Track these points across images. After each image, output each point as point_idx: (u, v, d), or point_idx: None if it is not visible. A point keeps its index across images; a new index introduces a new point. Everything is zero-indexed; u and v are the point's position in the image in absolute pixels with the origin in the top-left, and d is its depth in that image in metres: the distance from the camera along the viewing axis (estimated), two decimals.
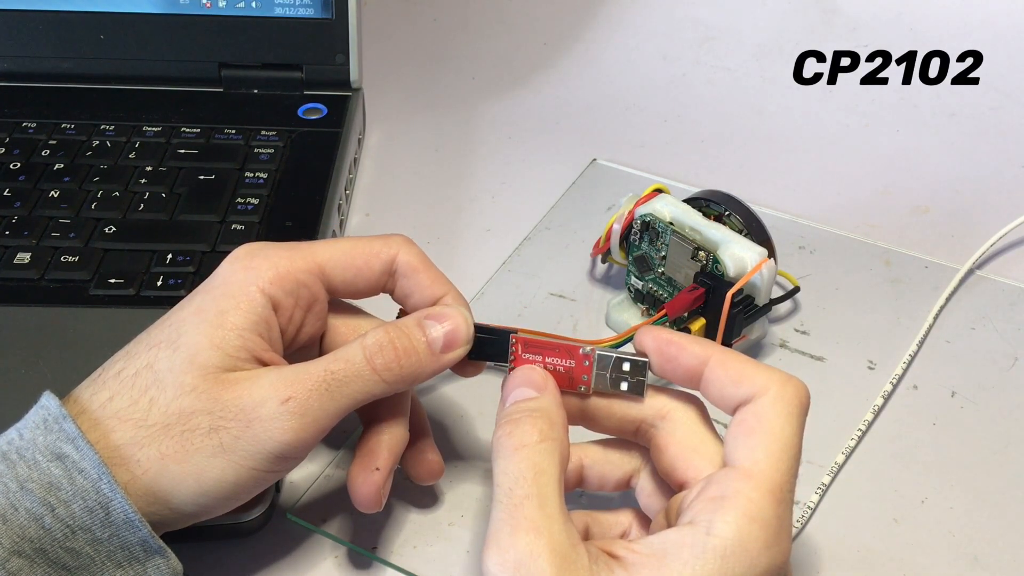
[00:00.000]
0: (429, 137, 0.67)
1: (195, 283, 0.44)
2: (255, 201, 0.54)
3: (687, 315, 0.46)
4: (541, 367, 0.37)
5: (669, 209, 0.49)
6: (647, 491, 0.38)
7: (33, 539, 0.32)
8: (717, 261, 0.46)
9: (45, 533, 0.32)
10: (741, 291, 0.45)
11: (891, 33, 0.75)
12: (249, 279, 0.37)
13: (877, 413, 0.48)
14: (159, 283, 0.49)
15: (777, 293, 0.51)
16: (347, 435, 0.46)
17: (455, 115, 0.70)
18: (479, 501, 0.44)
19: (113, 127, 0.59)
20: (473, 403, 0.48)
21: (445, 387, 0.49)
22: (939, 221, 0.60)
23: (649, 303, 0.51)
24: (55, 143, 0.58)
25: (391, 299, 0.41)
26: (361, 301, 0.41)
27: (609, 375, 0.36)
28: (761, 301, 0.47)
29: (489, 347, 0.38)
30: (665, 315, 0.45)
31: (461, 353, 0.38)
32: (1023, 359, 0.51)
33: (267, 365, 0.36)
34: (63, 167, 0.56)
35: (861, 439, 0.46)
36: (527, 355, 0.37)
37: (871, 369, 0.50)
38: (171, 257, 0.51)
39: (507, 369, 0.38)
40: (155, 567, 0.34)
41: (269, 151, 0.58)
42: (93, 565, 0.33)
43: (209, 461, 0.34)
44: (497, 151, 0.66)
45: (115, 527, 0.33)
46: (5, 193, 0.54)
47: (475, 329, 0.38)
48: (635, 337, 0.37)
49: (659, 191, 0.51)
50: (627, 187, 0.55)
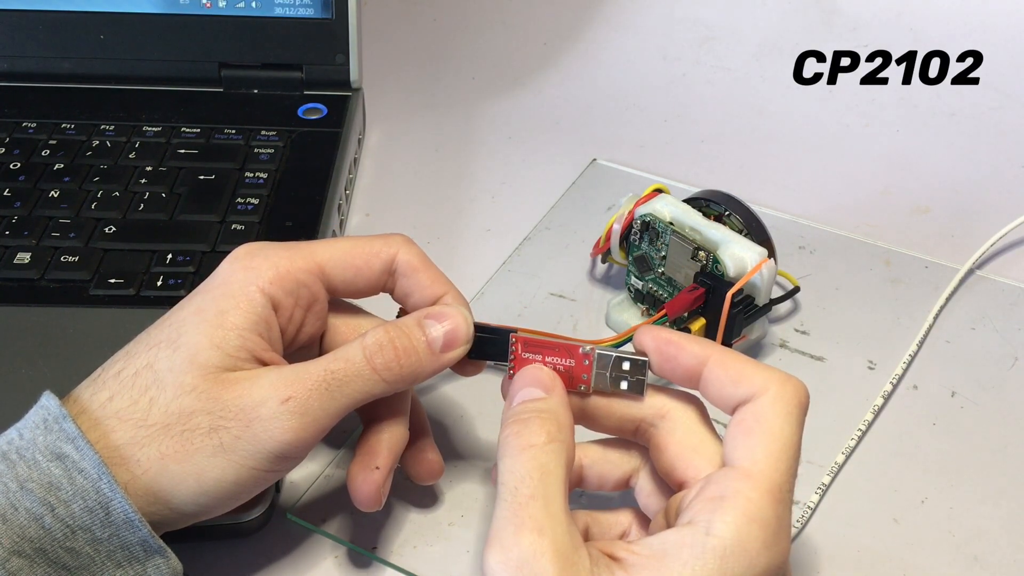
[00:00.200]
0: (429, 137, 0.67)
1: (195, 283, 0.44)
2: (255, 201, 0.55)
3: (687, 315, 0.46)
4: (548, 368, 0.37)
5: (669, 209, 0.49)
6: (646, 491, 0.38)
7: (33, 539, 0.32)
8: (717, 261, 0.46)
9: (45, 533, 0.32)
10: (741, 291, 0.45)
11: (891, 33, 0.75)
12: (249, 279, 0.37)
13: (877, 413, 0.48)
14: (159, 283, 0.49)
15: (777, 293, 0.51)
16: (347, 435, 0.46)
17: (455, 115, 0.70)
18: (479, 501, 0.44)
19: (113, 127, 0.59)
20: (473, 403, 0.48)
21: (445, 387, 0.49)
22: (939, 221, 0.60)
23: (649, 303, 0.51)
24: (55, 143, 0.58)
25: (391, 298, 0.41)
26: (361, 301, 0.41)
27: (609, 374, 0.36)
28: (761, 301, 0.47)
29: (489, 346, 0.38)
30: (665, 315, 0.45)
31: (461, 352, 0.38)
32: (1023, 359, 0.51)
33: (267, 365, 0.36)
34: (63, 167, 0.56)
35: (861, 439, 0.46)
36: (527, 354, 0.37)
37: (871, 369, 0.50)
38: (171, 257, 0.51)
39: (507, 368, 0.38)
40: (155, 567, 0.34)
41: (269, 151, 0.58)
42: (93, 565, 0.33)
43: (209, 461, 0.34)
44: (497, 151, 0.66)
45: (115, 527, 0.33)
46: (5, 193, 0.54)
47: (475, 328, 0.38)
48: (634, 336, 0.37)
49: (659, 191, 0.51)
50: (627, 187, 0.55)
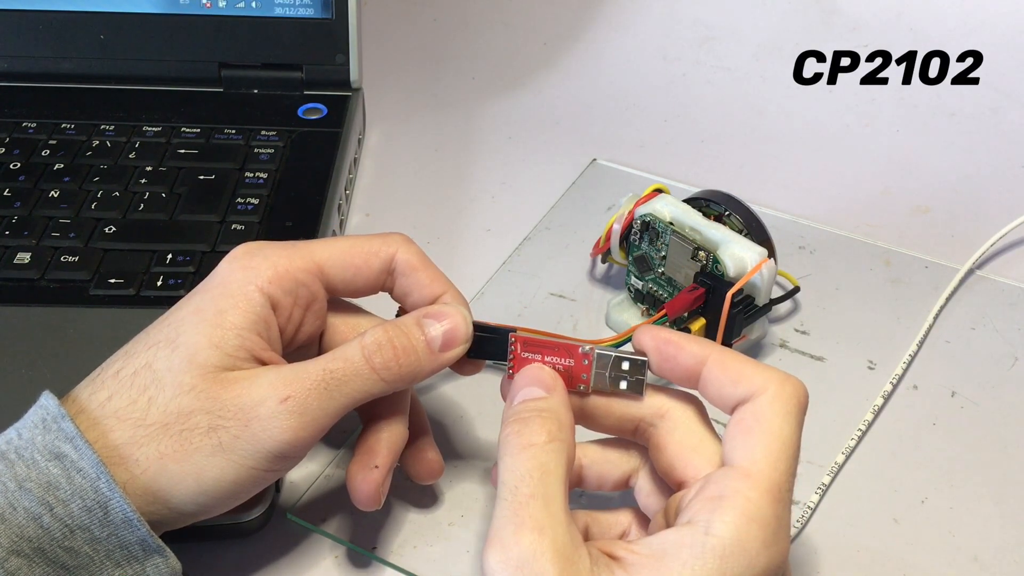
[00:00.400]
0: (429, 137, 0.67)
1: (195, 283, 0.44)
2: (255, 201, 0.54)
3: (687, 315, 0.46)
4: (548, 367, 0.37)
5: (669, 209, 0.49)
6: (646, 490, 0.38)
7: (32, 538, 0.32)
8: (717, 261, 0.46)
9: (43, 532, 0.32)
10: (741, 291, 0.45)
11: (891, 33, 0.75)
12: (248, 278, 0.37)
13: (877, 413, 0.48)
14: (159, 283, 0.49)
15: (777, 293, 0.51)
16: (347, 435, 0.46)
17: (455, 115, 0.70)
18: (479, 501, 0.44)
19: (113, 127, 0.59)
20: (473, 403, 0.48)
21: (445, 386, 0.49)
22: (939, 221, 0.60)
23: (649, 303, 0.51)
24: (55, 143, 0.58)
25: (390, 298, 0.41)
26: (360, 300, 0.41)
27: (608, 374, 0.36)
28: (761, 301, 0.47)
29: (488, 346, 0.38)
30: (665, 315, 0.45)
31: (460, 352, 0.38)
32: (1023, 359, 0.51)
33: (266, 364, 0.36)
34: (63, 167, 0.56)
35: (861, 439, 0.46)
36: (526, 354, 0.37)
37: (871, 369, 0.50)
38: (171, 257, 0.51)
39: (507, 368, 0.37)
40: (154, 566, 0.34)
41: (269, 151, 0.58)
42: (92, 564, 0.33)
43: (208, 460, 0.34)
44: (497, 151, 0.66)
45: (113, 526, 0.33)
46: (5, 193, 0.54)
47: (474, 328, 0.38)
48: (634, 336, 0.37)
49: (659, 191, 0.51)
50: (627, 187, 0.55)
